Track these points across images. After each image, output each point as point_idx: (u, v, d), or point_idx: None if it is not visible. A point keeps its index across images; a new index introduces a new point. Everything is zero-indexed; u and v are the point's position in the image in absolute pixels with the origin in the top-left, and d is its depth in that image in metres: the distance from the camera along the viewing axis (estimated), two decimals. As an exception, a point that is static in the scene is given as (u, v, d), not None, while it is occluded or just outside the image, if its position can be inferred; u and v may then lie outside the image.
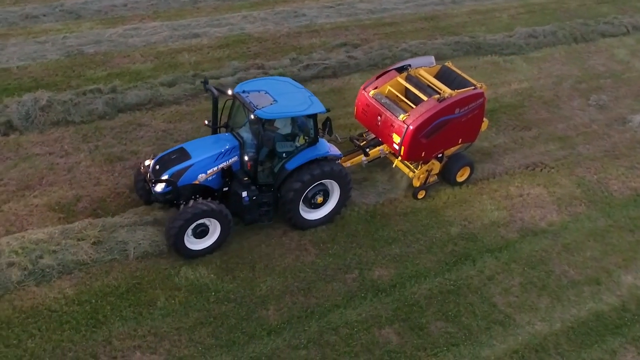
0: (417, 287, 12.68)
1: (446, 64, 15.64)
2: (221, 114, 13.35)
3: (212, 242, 12.66)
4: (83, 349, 10.73)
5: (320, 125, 13.08)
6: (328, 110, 12.86)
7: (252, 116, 12.33)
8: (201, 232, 12.44)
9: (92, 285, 11.87)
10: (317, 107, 12.71)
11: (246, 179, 12.79)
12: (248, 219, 13.06)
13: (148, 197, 13.19)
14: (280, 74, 18.82)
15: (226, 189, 13.02)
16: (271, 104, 12.38)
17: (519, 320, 12.22)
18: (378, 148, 15.12)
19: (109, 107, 16.53)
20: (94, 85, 17.46)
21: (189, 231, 12.24)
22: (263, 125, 12.26)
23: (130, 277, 12.13)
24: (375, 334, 11.62)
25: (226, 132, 13.49)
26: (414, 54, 20.81)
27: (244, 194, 12.64)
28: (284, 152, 12.90)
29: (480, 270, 13.23)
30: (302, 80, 18.92)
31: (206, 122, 13.57)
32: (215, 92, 12.90)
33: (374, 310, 12.09)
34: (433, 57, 15.92)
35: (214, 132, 13.59)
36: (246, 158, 12.76)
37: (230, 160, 12.86)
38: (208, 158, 12.68)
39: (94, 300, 11.60)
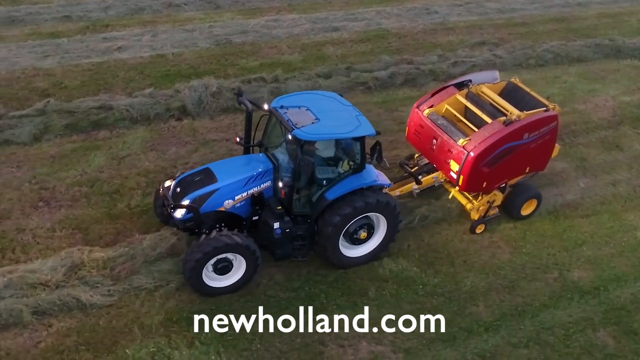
0: (619, 290, 12.34)
1: (512, 80, 13.78)
2: (255, 130, 11.76)
3: (236, 280, 11.07)
4: (310, 336, 10.68)
5: (368, 150, 11.32)
6: (378, 134, 11.10)
7: (289, 136, 10.83)
8: (223, 268, 10.87)
9: (299, 272, 11.82)
10: (366, 129, 10.95)
11: (279, 207, 11.08)
12: (279, 254, 11.42)
13: (168, 221, 11.73)
14: (431, 71, 18.69)
15: (256, 218, 11.38)
16: (312, 122, 10.66)
17: None
18: (432, 175, 13.44)
19: (274, 96, 16.35)
20: (250, 74, 17.55)
21: (209, 266, 10.77)
22: (302, 147, 10.56)
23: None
24: (590, 337, 11.34)
25: (260, 152, 11.95)
26: (556, 55, 20.53)
27: (276, 225, 11.02)
28: (324, 179, 11.19)
29: (680, 277, 12.86)
30: (451, 78, 18.75)
31: (237, 139, 11.90)
32: (250, 105, 11.36)
33: (583, 312, 11.81)
34: (497, 72, 14.12)
35: (246, 150, 12.04)
36: (280, 184, 11.14)
37: (262, 186, 11.20)
38: (237, 182, 11.07)
39: (306, 288, 11.56)
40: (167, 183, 11.72)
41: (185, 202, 10.95)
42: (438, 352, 10.72)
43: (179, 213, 11.01)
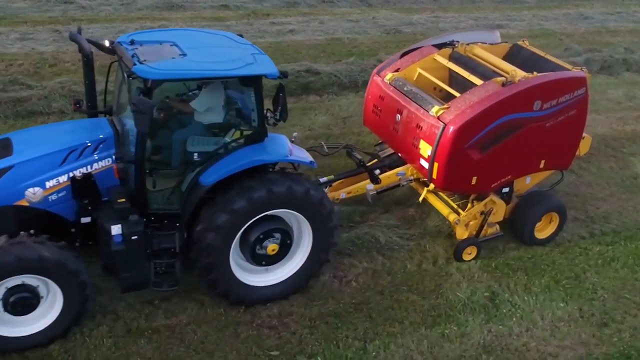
0: None
1: (520, 42, 9.97)
2: (106, 88, 7.84)
3: (51, 321, 6.73)
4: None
5: (270, 106, 7.35)
6: (283, 76, 7.07)
7: (125, 75, 6.74)
8: (20, 304, 6.51)
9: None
10: (263, 67, 6.94)
11: (122, 200, 6.76)
12: (126, 280, 6.92)
13: None
14: (624, 60, 17.35)
15: (87, 219, 7.07)
16: (173, 58, 6.80)
17: None
18: (396, 170, 9.03)
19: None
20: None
21: None
22: (146, 91, 6.45)
23: None
24: None
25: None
26: None
27: (115, 229, 6.64)
28: (196, 153, 7.11)
29: None
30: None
31: (76, 104, 7.67)
32: (87, 45, 7.13)
33: None
34: (498, 33, 10.28)
35: (92, 117, 7.81)
36: (115, 157, 7.05)
37: (94, 166, 6.95)
38: (46, 158, 6.80)
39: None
40: None
41: None
42: None
43: None
